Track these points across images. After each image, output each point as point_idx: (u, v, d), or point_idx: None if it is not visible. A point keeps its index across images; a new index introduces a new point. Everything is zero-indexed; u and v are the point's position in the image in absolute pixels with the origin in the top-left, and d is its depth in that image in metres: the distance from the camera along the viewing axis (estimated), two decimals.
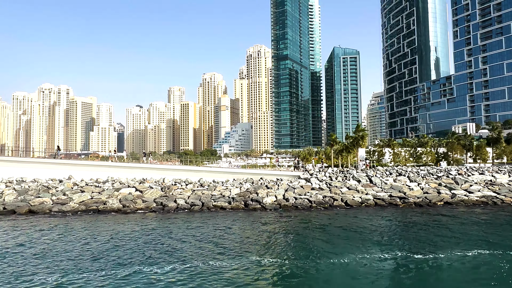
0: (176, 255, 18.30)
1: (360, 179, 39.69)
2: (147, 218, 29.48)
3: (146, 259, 17.58)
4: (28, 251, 19.10)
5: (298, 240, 21.63)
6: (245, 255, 18.05)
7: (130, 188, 36.66)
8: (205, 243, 20.88)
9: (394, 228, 24.94)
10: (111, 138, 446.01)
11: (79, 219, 29.09)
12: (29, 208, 31.79)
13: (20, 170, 40.31)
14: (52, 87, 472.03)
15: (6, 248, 19.84)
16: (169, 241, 21.41)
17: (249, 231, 24.24)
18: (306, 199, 33.84)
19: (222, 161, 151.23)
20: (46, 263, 16.91)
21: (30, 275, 15.17)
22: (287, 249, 19.57)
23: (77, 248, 19.69)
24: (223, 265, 16.35)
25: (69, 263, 16.88)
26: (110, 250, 19.37)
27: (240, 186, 37.81)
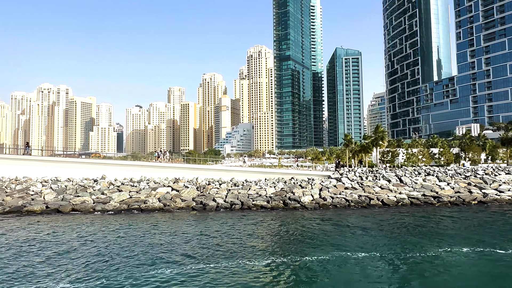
0: (231, 252, 18.64)
1: (390, 179, 40.31)
2: (190, 216, 29.90)
3: (205, 257, 17.95)
4: (93, 250, 19.51)
5: (346, 238, 22.14)
6: (298, 253, 18.50)
7: (166, 188, 37.10)
8: (255, 241, 21.39)
9: (444, 226, 25.53)
10: (110, 138, 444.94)
11: (124, 217, 29.46)
12: (72, 207, 32.17)
13: (54, 169, 40.61)
14: (51, 87, 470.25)
15: (72, 245, 20.25)
16: (221, 239, 21.79)
17: (295, 229, 24.71)
18: (343, 198, 34.42)
19: (230, 160, 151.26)
20: (117, 261, 17.34)
21: (103, 272, 15.58)
22: (339, 247, 19.93)
23: (138, 247, 20.06)
24: (278, 262, 16.78)
25: (136, 261, 17.25)
26: (168, 248, 19.68)
27: (274, 185, 38.31)
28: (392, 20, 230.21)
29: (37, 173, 40.05)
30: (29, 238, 21.91)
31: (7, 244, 20.44)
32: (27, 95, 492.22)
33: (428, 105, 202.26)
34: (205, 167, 44.00)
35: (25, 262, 16.99)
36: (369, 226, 25.46)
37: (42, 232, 23.68)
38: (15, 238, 22.11)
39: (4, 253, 18.69)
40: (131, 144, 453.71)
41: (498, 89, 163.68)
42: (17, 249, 19.41)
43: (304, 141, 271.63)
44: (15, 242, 21.06)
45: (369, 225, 26.02)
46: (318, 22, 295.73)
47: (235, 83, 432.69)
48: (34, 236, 22.47)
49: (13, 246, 20.16)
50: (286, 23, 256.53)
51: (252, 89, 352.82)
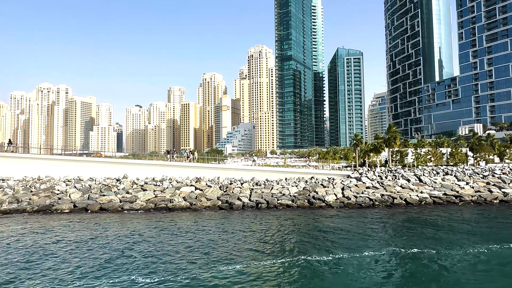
0: (271, 250, 19.04)
1: (409, 178, 40.71)
2: (219, 215, 30.18)
3: (255, 254, 18.33)
4: (148, 247, 19.82)
5: (379, 237, 22.50)
6: (334, 251, 18.84)
7: (190, 187, 37.38)
8: (295, 239, 21.74)
9: (475, 224, 25.93)
10: (110, 138, 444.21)
11: (156, 216, 29.74)
12: (100, 205, 32.43)
13: (75, 169, 40.81)
14: (51, 86, 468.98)
15: (112, 244, 20.53)
16: (257, 237, 22.15)
17: (328, 228, 25.08)
18: (367, 198, 34.78)
19: (233, 160, 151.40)
20: (175, 259, 17.66)
21: (168, 270, 15.91)
22: (373, 245, 20.28)
23: (187, 244, 20.41)
24: (315, 260, 17.15)
25: (193, 259, 17.63)
26: (220, 245, 20.07)
27: (296, 184, 38.65)
28: (393, 21, 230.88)
29: (59, 173, 40.26)
30: (81, 235, 22.18)
31: (58, 242, 20.71)
32: (27, 95, 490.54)
33: (430, 105, 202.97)
34: (226, 167, 44.30)
35: (98, 259, 17.29)
36: (398, 225, 25.87)
37: (88, 230, 23.96)
38: (63, 236, 22.37)
39: (62, 249, 18.95)
40: (131, 144, 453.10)
41: (500, 89, 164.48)
42: (73, 247, 19.68)
43: (306, 141, 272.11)
44: (67, 240, 21.32)
45: (397, 224, 26.42)
46: (319, 22, 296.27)
47: (235, 83, 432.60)
48: (83, 234, 22.75)
49: (69, 244, 20.44)
50: (287, 23, 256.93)
51: (252, 89, 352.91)
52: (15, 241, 21.02)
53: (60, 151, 67.74)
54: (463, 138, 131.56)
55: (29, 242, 20.75)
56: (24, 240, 21.12)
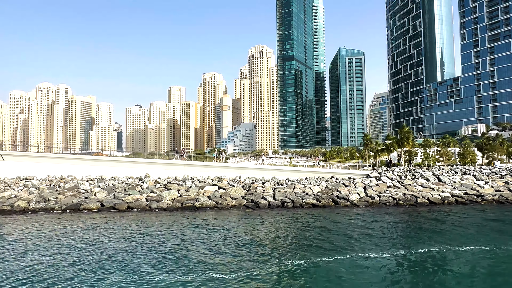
0: (306, 249, 19.34)
1: (428, 178, 41.09)
2: (248, 214, 30.43)
3: (295, 252, 18.67)
4: (180, 246, 20.09)
5: (410, 235, 22.83)
6: (370, 249, 19.21)
7: (213, 186, 37.64)
8: (329, 237, 22.05)
9: (502, 223, 26.31)
10: (111, 137, 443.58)
11: (183, 215, 29.99)
12: (127, 204, 32.66)
13: (96, 168, 41.02)
14: (51, 86, 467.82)
15: (154, 243, 20.80)
16: (290, 236, 22.45)
17: (358, 226, 25.42)
18: (391, 197, 35.13)
19: (236, 160, 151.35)
20: (220, 256, 17.95)
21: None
22: (405, 244, 20.65)
23: (219, 243, 20.69)
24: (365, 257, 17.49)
25: (240, 257, 17.93)
26: (246, 245, 20.37)
27: (318, 184, 38.97)
28: (395, 21, 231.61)
29: (81, 172, 40.46)
30: (121, 233, 22.43)
31: (100, 240, 20.95)
32: (26, 94, 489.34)
33: (432, 105, 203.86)
34: (247, 166, 44.58)
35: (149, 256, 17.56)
36: (427, 224, 26.22)
37: (125, 228, 24.20)
38: (103, 234, 22.62)
39: (108, 246, 19.21)
40: (131, 143, 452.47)
41: (503, 89, 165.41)
42: (114, 245, 19.93)
43: (307, 140, 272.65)
44: (109, 237, 21.57)
45: (426, 222, 26.76)
46: (320, 22, 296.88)
47: (235, 82, 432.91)
48: (123, 231, 22.99)
49: (113, 241, 20.68)
50: (289, 23, 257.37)
51: (253, 89, 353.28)
52: (55, 238, 21.26)
53: (78, 151, 67.92)
54: (468, 138, 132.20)
55: (72, 239, 20.99)
56: (69, 238, 21.35)
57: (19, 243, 20.41)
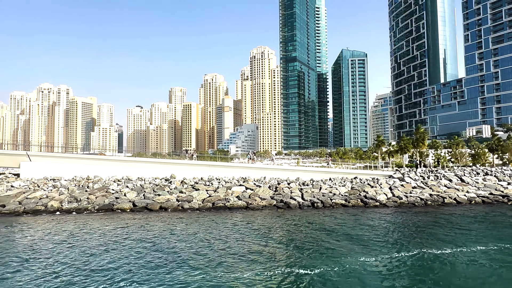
0: (351, 248, 19.70)
1: (451, 179, 41.46)
2: (280, 214, 30.71)
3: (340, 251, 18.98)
4: (223, 245, 20.39)
5: (450, 234, 23.16)
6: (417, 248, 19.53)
7: (240, 187, 37.93)
8: (374, 236, 22.37)
9: None
10: (112, 138, 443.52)
11: (217, 215, 30.29)
12: (160, 205, 32.92)
13: (122, 169, 41.27)
14: (52, 87, 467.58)
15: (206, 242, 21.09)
16: (333, 235, 22.75)
17: (398, 225, 25.76)
18: (418, 197, 35.48)
19: (239, 160, 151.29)
20: (277, 255, 18.26)
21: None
22: (448, 243, 21.01)
23: (260, 243, 21.00)
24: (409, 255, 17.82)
25: (293, 256, 18.24)
26: (290, 244, 20.71)
27: (344, 184, 39.30)
28: (398, 22, 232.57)
29: (107, 173, 40.70)
30: (162, 233, 22.70)
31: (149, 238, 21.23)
32: (27, 95, 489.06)
33: (435, 107, 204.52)
34: (272, 167, 44.86)
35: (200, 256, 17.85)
36: (464, 223, 26.55)
37: (164, 228, 24.48)
38: (145, 233, 22.90)
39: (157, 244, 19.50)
40: (132, 144, 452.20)
41: (507, 91, 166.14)
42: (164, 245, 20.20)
43: (309, 142, 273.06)
44: (151, 237, 21.84)
45: (463, 222, 27.09)
46: (322, 24, 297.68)
47: (236, 83, 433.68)
48: (164, 231, 23.27)
49: (153, 241, 20.96)
50: (292, 24, 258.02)
51: (255, 90, 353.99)
52: (96, 238, 21.51)
53: (100, 152, 67.98)
54: (474, 139, 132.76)
55: (114, 239, 21.25)
56: (121, 237, 21.61)
57: (68, 242, 20.65)
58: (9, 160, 39.46)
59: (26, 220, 28.08)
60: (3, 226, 25.39)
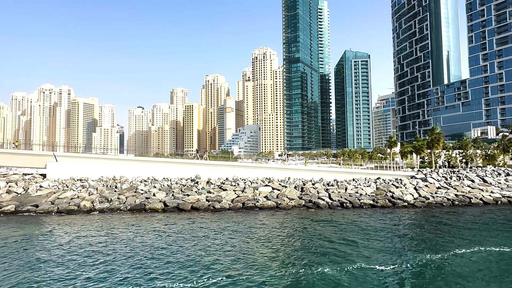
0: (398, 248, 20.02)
1: (473, 179, 41.81)
2: (314, 214, 30.96)
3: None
4: (268, 244, 20.68)
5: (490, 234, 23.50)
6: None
7: (267, 187, 38.22)
8: (417, 236, 22.69)
9: None
10: (113, 139, 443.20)
11: (250, 214, 30.61)
12: (191, 204, 33.18)
13: (147, 169, 41.54)
14: (53, 87, 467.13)
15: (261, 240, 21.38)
16: (372, 234, 23.08)
17: (437, 225, 26.06)
18: (445, 197, 35.79)
19: (243, 161, 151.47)
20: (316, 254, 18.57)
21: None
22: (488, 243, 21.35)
23: (322, 242, 21.32)
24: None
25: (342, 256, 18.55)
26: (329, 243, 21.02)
27: (368, 185, 39.60)
28: (401, 24, 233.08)
29: (132, 173, 40.97)
30: (204, 232, 23.01)
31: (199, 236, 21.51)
32: (28, 96, 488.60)
33: (439, 108, 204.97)
34: (296, 168, 45.21)
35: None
36: (497, 223, 26.86)
37: (205, 227, 24.78)
38: (190, 233, 23.19)
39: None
40: (134, 145, 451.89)
41: (511, 92, 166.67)
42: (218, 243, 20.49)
43: (312, 142, 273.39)
44: (198, 236, 22.12)
45: (496, 222, 27.41)
46: (325, 25, 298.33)
47: (238, 84, 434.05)
48: (205, 230, 23.58)
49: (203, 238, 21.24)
50: (295, 25, 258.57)
51: (257, 91, 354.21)
52: (144, 237, 21.80)
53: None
54: (480, 139, 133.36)
55: (159, 238, 21.53)
56: (164, 236, 21.89)
57: (109, 241, 20.91)
58: (36, 161, 39.71)
59: (63, 219, 28.31)
60: (44, 226, 25.67)
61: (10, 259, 17.19)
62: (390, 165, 65.64)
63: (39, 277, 14.62)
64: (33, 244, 20.12)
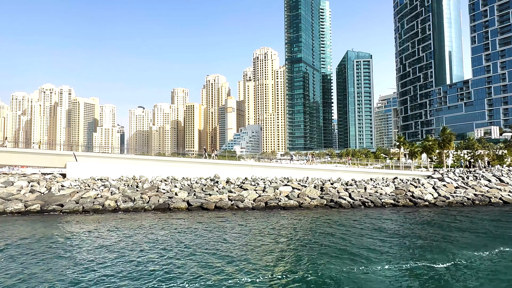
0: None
1: (490, 179, 42.09)
2: (339, 213, 31.16)
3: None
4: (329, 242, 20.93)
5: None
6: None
7: (287, 187, 38.45)
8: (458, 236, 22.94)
9: None
10: (114, 139, 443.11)
11: (276, 214, 30.81)
12: (214, 204, 33.38)
13: (166, 169, 41.71)
14: (53, 87, 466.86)
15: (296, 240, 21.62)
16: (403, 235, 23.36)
17: (458, 226, 26.33)
18: (465, 197, 36.06)
19: (246, 161, 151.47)
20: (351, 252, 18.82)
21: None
22: None
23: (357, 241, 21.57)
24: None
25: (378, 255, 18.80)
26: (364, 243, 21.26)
27: (387, 185, 39.86)
28: (404, 24, 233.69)
29: (151, 172, 41.14)
30: (238, 231, 23.23)
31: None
32: (28, 96, 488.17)
33: (441, 108, 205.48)
34: (313, 167, 45.46)
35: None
36: None
37: (237, 226, 25.01)
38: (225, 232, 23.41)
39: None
40: (134, 145, 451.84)
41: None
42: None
43: (314, 142, 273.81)
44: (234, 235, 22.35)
45: None
46: (327, 25, 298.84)
47: (239, 84, 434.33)
48: (239, 229, 23.81)
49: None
50: (297, 25, 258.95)
51: (258, 91, 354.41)
52: (181, 236, 22.01)
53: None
54: (484, 139, 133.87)
55: (191, 237, 21.74)
56: (196, 235, 22.11)
57: (147, 240, 21.12)
58: (56, 160, 39.86)
59: (92, 218, 28.49)
60: (75, 225, 25.85)
61: (55, 257, 17.37)
62: (404, 164, 65.99)
63: (88, 275, 14.81)
64: (73, 243, 20.30)
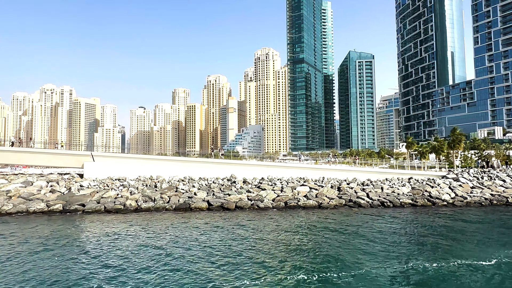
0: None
1: (504, 179, 42.30)
2: (360, 213, 31.34)
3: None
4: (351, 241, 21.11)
5: None
6: None
7: (304, 187, 38.62)
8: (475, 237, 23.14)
9: None
10: (115, 139, 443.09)
11: (297, 213, 31.02)
12: (235, 204, 33.55)
13: (182, 169, 41.90)
14: (55, 87, 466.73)
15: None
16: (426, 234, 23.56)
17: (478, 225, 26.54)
18: (482, 197, 36.28)
19: (248, 162, 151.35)
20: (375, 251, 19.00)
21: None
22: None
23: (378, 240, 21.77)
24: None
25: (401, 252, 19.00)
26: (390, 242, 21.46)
27: (403, 185, 40.07)
28: (406, 24, 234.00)
29: (168, 173, 41.33)
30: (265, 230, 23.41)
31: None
32: (29, 96, 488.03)
33: (444, 108, 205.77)
34: (329, 168, 45.65)
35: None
36: None
37: (262, 225, 25.17)
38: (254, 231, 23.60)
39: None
40: (136, 145, 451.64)
41: None
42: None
43: (316, 143, 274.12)
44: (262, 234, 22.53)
45: None
46: (329, 25, 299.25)
47: (240, 85, 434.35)
48: (267, 228, 24.00)
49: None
50: (300, 26, 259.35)
51: (259, 91, 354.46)
52: (203, 235, 22.20)
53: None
54: (489, 140, 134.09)
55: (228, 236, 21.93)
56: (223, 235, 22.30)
57: (176, 239, 21.29)
58: (73, 161, 40.03)
59: (115, 218, 28.64)
60: (101, 224, 26.02)
61: (88, 257, 17.55)
62: (410, 164, 66.14)
63: (118, 271, 15.03)
64: (102, 242, 20.46)
